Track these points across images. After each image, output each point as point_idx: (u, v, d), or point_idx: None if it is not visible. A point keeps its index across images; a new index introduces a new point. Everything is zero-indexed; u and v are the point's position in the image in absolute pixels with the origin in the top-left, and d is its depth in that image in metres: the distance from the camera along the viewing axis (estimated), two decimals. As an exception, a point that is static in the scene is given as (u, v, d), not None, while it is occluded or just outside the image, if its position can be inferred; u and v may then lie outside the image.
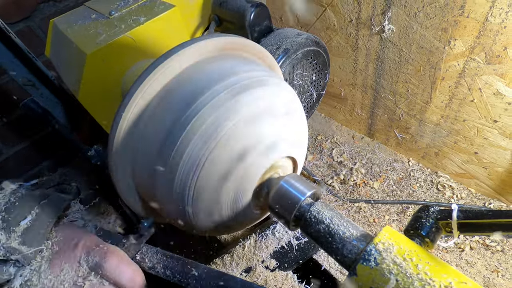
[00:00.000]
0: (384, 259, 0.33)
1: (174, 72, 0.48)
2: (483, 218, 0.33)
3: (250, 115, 0.44)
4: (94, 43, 0.63)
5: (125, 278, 0.45)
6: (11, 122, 1.11)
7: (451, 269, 0.32)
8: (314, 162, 1.22)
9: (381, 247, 0.35)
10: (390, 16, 0.89)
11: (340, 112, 1.30)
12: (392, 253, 0.34)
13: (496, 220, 0.32)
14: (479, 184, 1.00)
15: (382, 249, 0.34)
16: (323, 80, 0.92)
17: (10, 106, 1.08)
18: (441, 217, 0.38)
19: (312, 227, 0.41)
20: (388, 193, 1.07)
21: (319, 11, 1.07)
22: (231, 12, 0.79)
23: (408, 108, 1.04)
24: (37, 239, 0.43)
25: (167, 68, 0.47)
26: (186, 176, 0.44)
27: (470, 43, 0.78)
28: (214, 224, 0.51)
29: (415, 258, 0.33)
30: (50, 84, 0.76)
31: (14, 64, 0.71)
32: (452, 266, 0.33)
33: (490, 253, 0.89)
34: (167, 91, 0.47)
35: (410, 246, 0.35)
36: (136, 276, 0.46)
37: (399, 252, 0.34)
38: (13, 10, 0.96)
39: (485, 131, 0.89)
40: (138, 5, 0.73)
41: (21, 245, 0.41)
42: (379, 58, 1.00)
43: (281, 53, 0.76)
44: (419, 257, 0.33)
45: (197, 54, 0.49)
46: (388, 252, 0.34)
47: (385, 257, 0.33)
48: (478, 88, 0.83)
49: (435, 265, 0.32)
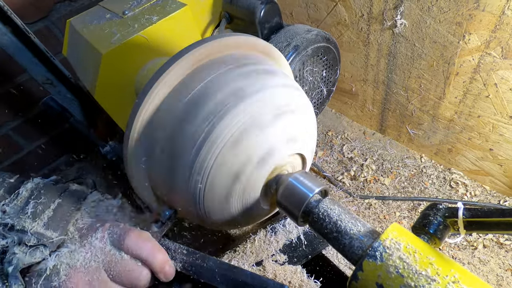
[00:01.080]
0: (390, 256, 0.34)
1: (185, 72, 0.49)
2: (491, 216, 0.33)
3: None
4: (109, 43, 0.65)
5: (145, 252, 0.46)
6: (31, 119, 1.15)
7: (457, 267, 0.33)
8: (324, 158, 1.22)
9: (388, 243, 0.35)
10: (402, 11, 0.87)
11: (351, 108, 1.29)
12: (398, 250, 0.34)
13: (504, 219, 0.32)
14: (494, 181, 0.98)
15: (388, 246, 0.35)
16: (334, 76, 0.91)
17: (30, 104, 1.13)
18: (448, 214, 0.38)
19: (320, 223, 0.42)
20: (399, 190, 1.06)
21: (330, 6, 1.06)
22: (241, 9, 0.80)
23: (420, 104, 1.02)
24: (61, 225, 0.45)
25: (179, 68, 0.48)
26: (198, 173, 0.46)
27: (486, 37, 0.76)
28: (225, 220, 0.53)
29: (422, 255, 0.33)
30: (67, 82, 0.79)
31: (33, 63, 0.74)
32: (457, 263, 0.33)
33: (504, 252, 0.88)
34: (180, 91, 0.49)
35: (417, 243, 0.35)
36: (156, 251, 0.47)
37: (406, 249, 0.34)
38: (31, 10, 0.99)
39: (500, 127, 0.87)
40: (150, 4, 0.74)
41: (48, 230, 0.44)
42: (391, 53, 0.99)
43: (291, 50, 0.77)
44: (426, 254, 0.34)
45: (206, 54, 0.50)
46: (395, 248, 0.35)
47: (391, 253, 0.34)
48: (493, 83, 0.81)
49: (442, 263, 0.33)
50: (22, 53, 0.71)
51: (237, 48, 0.53)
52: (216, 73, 0.48)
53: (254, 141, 0.46)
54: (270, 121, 0.47)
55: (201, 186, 0.46)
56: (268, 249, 0.71)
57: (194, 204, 0.49)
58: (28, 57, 0.72)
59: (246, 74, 0.49)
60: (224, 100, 0.45)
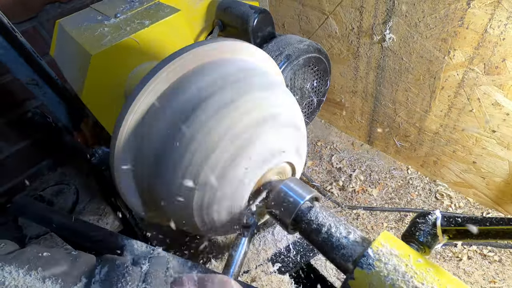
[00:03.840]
0: (382, 264, 0.33)
1: (176, 75, 0.49)
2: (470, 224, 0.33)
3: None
4: (99, 44, 0.64)
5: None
6: (13, 121, 1.11)
7: (448, 275, 0.33)
8: (314, 167, 1.22)
9: (379, 251, 0.35)
10: (391, 26, 0.90)
11: (340, 119, 1.31)
12: (389, 258, 0.34)
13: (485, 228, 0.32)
14: (477, 193, 1.00)
15: (380, 254, 0.35)
16: (324, 86, 0.93)
17: (13, 105, 1.09)
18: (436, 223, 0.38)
19: (310, 230, 0.41)
20: (386, 201, 1.07)
21: (321, 19, 1.08)
22: (235, 17, 0.80)
23: (407, 116, 1.04)
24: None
25: (170, 71, 0.48)
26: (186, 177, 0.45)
27: (470, 53, 0.79)
28: (211, 226, 0.51)
29: (412, 263, 0.33)
30: (53, 83, 0.77)
31: (18, 63, 0.71)
32: (448, 272, 0.33)
33: (488, 263, 0.89)
34: (171, 94, 0.48)
35: (408, 251, 0.35)
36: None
37: (397, 257, 0.34)
38: (20, 10, 0.97)
39: (483, 141, 0.89)
40: (143, 8, 0.74)
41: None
42: (380, 66, 1.01)
43: (283, 59, 0.77)
44: (416, 262, 0.33)
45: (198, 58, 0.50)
46: (386, 256, 0.34)
47: (383, 261, 0.34)
48: (477, 98, 0.84)
49: (432, 271, 0.33)
50: (7, 51, 0.69)
51: (229, 53, 0.53)
52: (206, 80, 0.48)
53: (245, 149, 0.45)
54: (261, 130, 0.47)
55: (190, 192, 0.45)
56: (256, 258, 0.70)
57: (184, 209, 0.48)
58: (13, 56, 0.70)
59: (237, 83, 0.48)
60: (215, 107, 0.45)
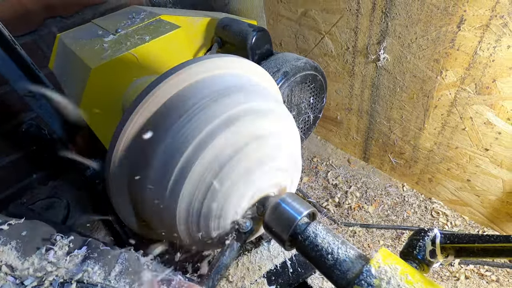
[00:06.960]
0: (381, 281, 0.33)
1: (174, 90, 0.49)
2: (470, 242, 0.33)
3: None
4: (99, 58, 0.65)
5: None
6: (5, 132, 1.10)
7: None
8: (310, 184, 1.22)
9: (378, 269, 0.34)
10: (385, 46, 0.93)
11: (336, 136, 1.32)
12: (388, 275, 0.33)
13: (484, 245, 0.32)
14: (473, 211, 1.01)
15: (378, 271, 0.34)
16: (320, 103, 0.94)
17: (7, 117, 1.08)
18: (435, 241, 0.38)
19: (308, 246, 0.41)
20: (383, 218, 1.07)
21: (317, 38, 1.11)
22: (233, 35, 0.82)
23: (402, 134, 1.06)
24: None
25: (168, 86, 0.48)
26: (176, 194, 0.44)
27: (461, 74, 0.82)
28: (205, 241, 0.50)
29: (411, 281, 0.33)
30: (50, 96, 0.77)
31: (16, 75, 0.72)
32: (448, 290, 0.32)
33: (485, 283, 0.88)
34: (168, 109, 0.48)
35: (406, 269, 0.35)
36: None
37: (396, 275, 0.34)
38: (21, 23, 0.98)
39: (477, 159, 0.90)
40: (144, 24, 0.75)
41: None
42: (374, 85, 1.04)
43: (280, 76, 0.79)
44: (416, 280, 0.33)
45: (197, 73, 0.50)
46: (385, 274, 0.34)
47: (382, 278, 0.33)
48: (469, 117, 0.85)
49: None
50: (7, 64, 0.69)
51: (228, 69, 0.54)
52: (204, 97, 0.48)
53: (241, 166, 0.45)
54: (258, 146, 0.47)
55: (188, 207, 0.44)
56: (251, 275, 0.68)
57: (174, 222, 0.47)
58: (12, 68, 0.70)
59: (233, 100, 0.48)
60: (211, 126, 0.45)
